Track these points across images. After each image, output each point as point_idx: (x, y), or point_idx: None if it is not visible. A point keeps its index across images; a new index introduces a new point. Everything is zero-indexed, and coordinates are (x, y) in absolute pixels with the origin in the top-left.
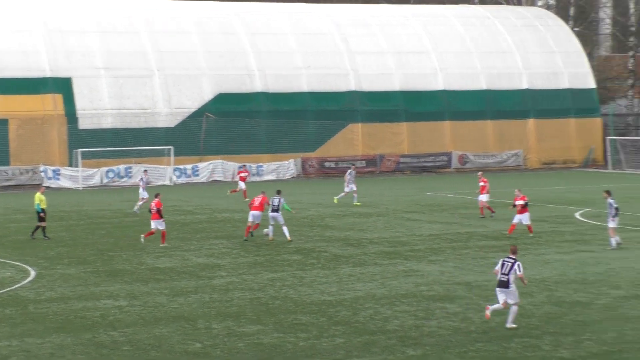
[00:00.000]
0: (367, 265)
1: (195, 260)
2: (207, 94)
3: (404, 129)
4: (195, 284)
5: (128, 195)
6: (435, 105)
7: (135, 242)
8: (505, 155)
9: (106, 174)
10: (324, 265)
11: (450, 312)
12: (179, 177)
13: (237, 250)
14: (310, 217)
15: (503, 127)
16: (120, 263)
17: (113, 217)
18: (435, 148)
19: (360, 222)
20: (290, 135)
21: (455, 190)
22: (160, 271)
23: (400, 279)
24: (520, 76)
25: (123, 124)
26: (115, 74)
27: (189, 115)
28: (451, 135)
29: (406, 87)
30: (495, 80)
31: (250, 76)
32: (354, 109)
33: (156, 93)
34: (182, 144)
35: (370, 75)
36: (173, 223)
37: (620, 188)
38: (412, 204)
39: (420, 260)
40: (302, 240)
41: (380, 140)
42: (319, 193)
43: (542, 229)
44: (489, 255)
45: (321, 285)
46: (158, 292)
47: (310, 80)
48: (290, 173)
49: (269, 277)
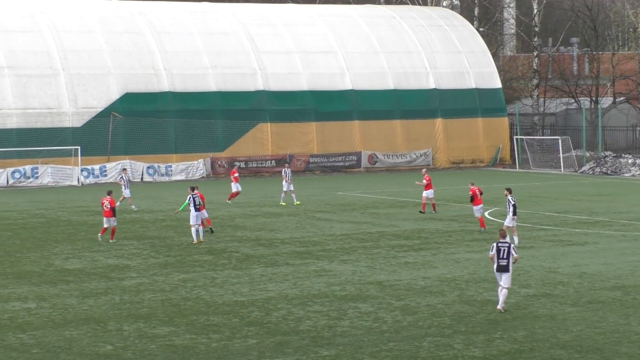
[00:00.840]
0: (279, 265)
1: (104, 262)
2: (113, 93)
3: (313, 128)
4: (105, 285)
5: (34, 196)
6: (344, 104)
7: (44, 243)
8: (414, 155)
9: (12, 174)
10: (236, 266)
11: (362, 311)
12: (87, 177)
13: (148, 251)
14: (221, 217)
15: (411, 126)
16: (28, 264)
17: (19, 218)
18: (344, 148)
19: (272, 222)
20: (199, 135)
21: (366, 190)
22: (69, 273)
23: (312, 278)
24: (427, 76)
25: (28, 123)
26: (19, 72)
27: (95, 115)
28: (360, 135)
29: (314, 87)
30: (402, 80)
31: (158, 75)
32: (263, 108)
33: (62, 92)
34: (90, 144)
35: (278, 75)
36: (81, 224)
37: (527, 187)
38: (322, 204)
39: (332, 260)
40: (213, 241)
41: (290, 139)
42: (228, 193)
43: (451, 228)
44: (400, 254)
45: (233, 285)
46: (67, 294)
47: (218, 79)
48: (199, 173)
49: (180, 278)
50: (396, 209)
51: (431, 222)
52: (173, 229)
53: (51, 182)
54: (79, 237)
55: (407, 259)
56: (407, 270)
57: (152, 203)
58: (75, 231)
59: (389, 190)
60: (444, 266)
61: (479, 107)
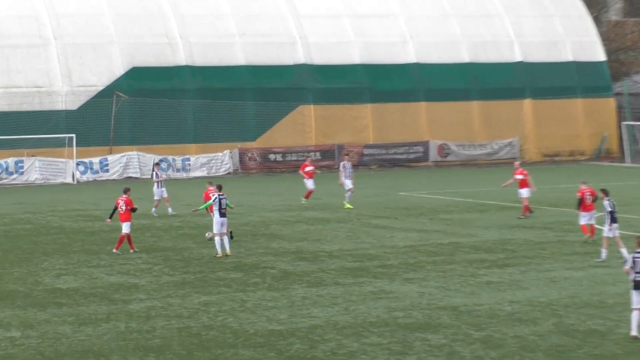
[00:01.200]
0: (326, 285)
1: (106, 280)
2: (117, 67)
3: (369, 111)
4: (107, 309)
5: (19, 197)
6: (407, 82)
7: (30, 255)
8: (496, 145)
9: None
10: (271, 286)
11: (433, 344)
12: (84, 173)
13: (160, 267)
14: (253, 224)
15: (492, 109)
16: (11, 283)
17: (0, 224)
18: (408, 136)
19: (316, 229)
20: (224, 120)
21: (435, 190)
22: (62, 293)
23: (368, 302)
24: (511, 45)
25: (11, 106)
26: (2, 43)
27: (95, 95)
28: (428, 120)
29: (369, 60)
30: (480, 51)
31: (172, 45)
32: (304, 86)
33: (53, 67)
34: (87, 132)
35: (323, 45)
36: (77, 232)
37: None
38: (380, 207)
39: (394, 279)
40: (242, 254)
41: (339, 126)
42: (262, 193)
43: (546, 239)
44: (480, 272)
45: (268, 310)
46: (60, 320)
47: (248, 50)
48: (225, 168)
49: (201, 301)
50: (474, 214)
51: (519, 231)
52: (192, 238)
53: (39, 178)
54: (74, 249)
55: (489, 278)
56: (489, 292)
57: (165, 206)
58: (70, 241)
59: (464, 190)
60: (536, 287)
61: (578, 85)
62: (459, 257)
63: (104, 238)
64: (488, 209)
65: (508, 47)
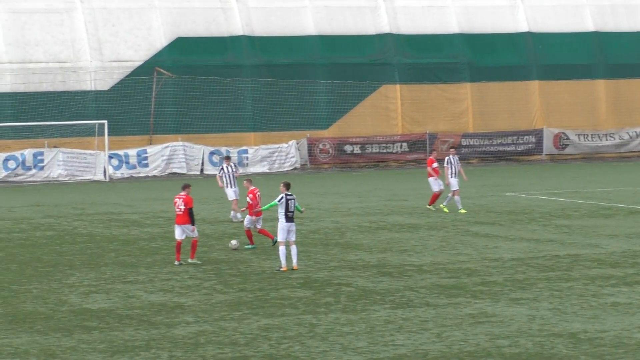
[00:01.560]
0: (413, 306)
1: (145, 299)
2: (158, 38)
3: (468, 92)
4: (147, 335)
5: (39, 197)
6: (515, 56)
7: (53, 269)
8: (626, 135)
9: (4, 163)
10: (347, 307)
11: None
12: (117, 168)
13: (211, 283)
14: (324, 231)
15: (622, 90)
16: (29, 302)
17: (15, 230)
18: (516, 123)
19: (402, 238)
20: (289, 104)
21: (550, 189)
22: (92, 315)
23: (466, 328)
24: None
25: (28, 85)
26: (15, 7)
27: (131, 72)
28: (541, 104)
29: (469, 29)
30: (607, 18)
31: (225, 11)
32: (389, 61)
33: (79, 37)
34: (122, 117)
35: (412, 10)
36: (109, 240)
37: None
38: (482, 211)
39: (498, 299)
40: (312, 268)
41: (431, 110)
42: (336, 193)
43: None
44: (604, 291)
45: (343, 337)
46: (89, 348)
47: (319, 17)
48: (290, 162)
49: (261, 325)
50: (599, 220)
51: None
52: (250, 248)
53: (63, 175)
54: (107, 261)
55: (615, 298)
56: (615, 316)
57: (217, 208)
58: (101, 251)
59: (586, 191)
60: None
61: None
62: (578, 273)
63: (142, 248)
64: (615, 213)
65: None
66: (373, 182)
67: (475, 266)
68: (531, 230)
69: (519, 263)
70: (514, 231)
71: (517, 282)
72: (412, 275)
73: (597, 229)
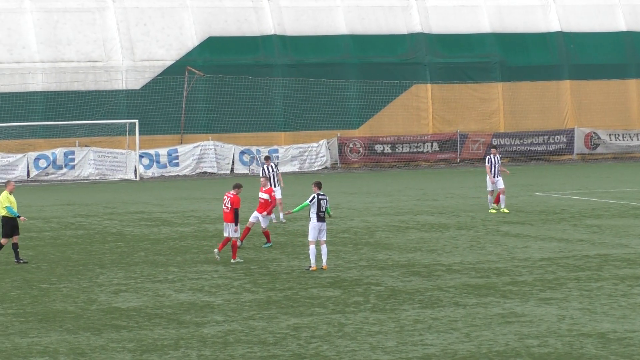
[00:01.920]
0: (443, 306)
1: (174, 298)
2: (190, 38)
3: (499, 92)
4: (176, 333)
5: (69, 196)
6: (547, 55)
7: (83, 268)
8: None
9: (35, 162)
10: (376, 306)
11: None
12: (148, 167)
13: (240, 282)
14: (354, 231)
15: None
16: (59, 301)
17: (46, 229)
18: (548, 123)
19: (432, 238)
20: (320, 103)
21: (580, 189)
22: (122, 314)
23: (495, 327)
24: None
25: (60, 85)
26: (48, 6)
27: (162, 72)
28: (573, 103)
29: (501, 28)
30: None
31: (257, 10)
32: (420, 61)
33: (111, 37)
34: (152, 117)
35: (444, 9)
36: (139, 239)
37: None
38: (513, 211)
39: (527, 299)
40: (341, 267)
41: (462, 109)
42: (366, 192)
43: None
44: (634, 291)
45: (372, 337)
46: (118, 347)
47: (351, 17)
48: (321, 161)
49: (290, 324)
50: (629, 220)
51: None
52: (280, 247)
53: (94, 174)
54: (136, 260)
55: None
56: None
57: (247, 208)
58: (131, 250)
59: (617, 190)
60: None
61: None
62: (608, 273)
63: (172, 247)
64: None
65: None
66: (403, 181)
67: (505, 266)
68: (561, 230)
69: (548, 263)
70: (544, 231)
71: (547, 282)
72: (442, 275)
73: (628, 228)
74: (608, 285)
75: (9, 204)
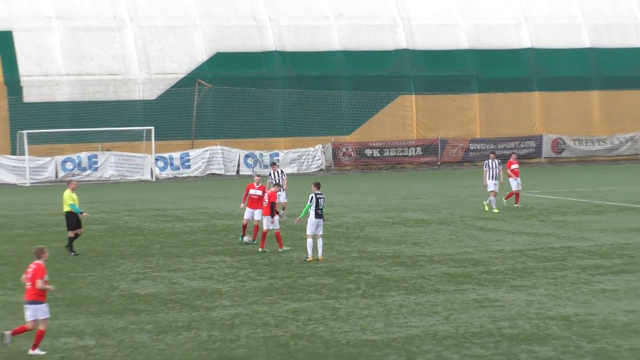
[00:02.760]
0: (425, 292)
1: (187, 285)
2: (200, 53)
3: (476, 102)
4: (188, 316)
5: (93, 195)
6: (519, 69)
7: (105, 259)
8: (617, 140)
9: (63, 164)
10: (366, 292)
11: (540, 356)
12: (163, 169)
13: (246, 271)
14: (346, 226)
15: (614, 100)
16: (85, 288)
17: None
18: (519, 130)
19: (416, 232)
20: (316, 112)
21: (547, 189)
22: (140, 299)
23: (471, 311)
24: (637, 29)
25: (84, 95)
26: (73, 25)
27: (175, 84)
28: (542, 112)
29: (478, 44)
30: (603, 35)
31: (260, 29)
32: (406, 74)
33: (129, 53)
34: (167, 124)
35: (427, 28)
36: (155, 233)
37: None
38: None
39: (500, 286)
40: (335, 258)
41: (443, 118)
42: (357, 192)
43: None
44: (594, 279)
45: (362, 319)
46: (137, 328)
47: (344, 34)
48: (317, 164)
49: (289, 308)
50: (591, 216)
51: (639, 235)
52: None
53: (115, 175)
54: (153, 251)
55: (604, 285)
56: (603, 301)
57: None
58: (148, 243)
59: (580, 190)
60: None
61: None
62: (572, 263)
63: (185, 240)
64: (605, 210)
65: (634, 30)
66: (390, 182)
67: (480, 257)
68: (530, 225)
69: (519, 254)
70: (515, 226)
71: (517, 271)
72: (424, 265)
73: (589, 224)
74: (571, 274)
75: (72, 202)
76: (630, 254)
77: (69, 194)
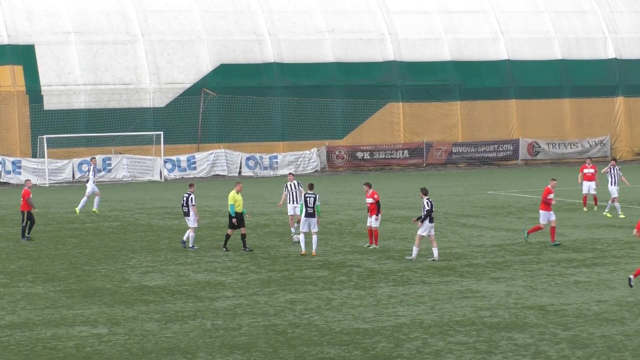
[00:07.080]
0: (412, 284)
1: (193, 277)
2: (205, 65)
3: (458, 109)
4: (194, 307)
5: (107, 194)
6: (497, 79)
7: (117, 253)
8: (587, 144)
9: (79, 166)
10: (357, 284)
11: (519, 344)
12: (171, 170)
13: (247, 265)
14: (339, 222)
15: (584, 107)
16: (99, 280)
17: (87, 221)
18: (497, 134)
19: (403, 228)
20: (312, 118)
21: (524, 188)
22: (149, 290)
23: (454, 301)
24: (604, 42)
25: (99, 103)
26: (89, 39)
27: (182, 93)
28: (518, 118)
29: (459, 57)
30: (572, 48)
31: (260, 42)
32: (393, 83)
33: (141, 64)
34: (175, 129)
35: (413, 41)
36: (164, 229)
37: None
38: (468, 206)
39: (481, 278)
40: (328, 252)
41: (427, 123)
42: (349, 191)
43: (635, 239)
44: (568, 271)
45: (354, 309)
46: (147, 317)
47: (337, 47)
48: (312, 166)
49: (287, 299)
50: (564, 214)
51: (608, 231)
52: (278, 236)
53: (127, 176)
54: (161, 246)
55: (576, 277)
56: (576, 292)
57: (252, 204)
58: (157, 239)
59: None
60: (624, 287)
61: None
62: (547, 257)
63: None
64: (577, 208)
65: (601, 43)
66: (380, 182)
67: (463, 251)
68: (508, 222)
69: (498, 248)
70: (495, 222)
71: (497, 264)
72: (411, 259)
73: (563, 220)
74: (547, 267)
75: (232, 202)
76: (601, 248)
77: (233, 195)
